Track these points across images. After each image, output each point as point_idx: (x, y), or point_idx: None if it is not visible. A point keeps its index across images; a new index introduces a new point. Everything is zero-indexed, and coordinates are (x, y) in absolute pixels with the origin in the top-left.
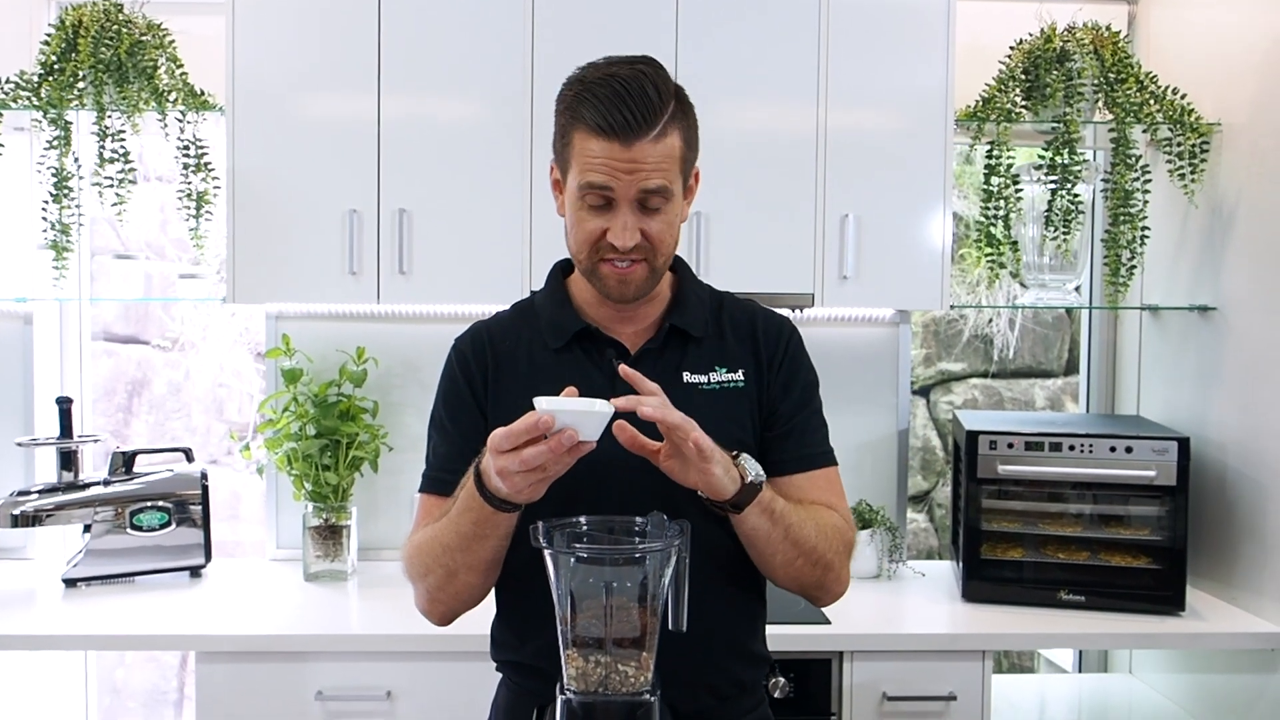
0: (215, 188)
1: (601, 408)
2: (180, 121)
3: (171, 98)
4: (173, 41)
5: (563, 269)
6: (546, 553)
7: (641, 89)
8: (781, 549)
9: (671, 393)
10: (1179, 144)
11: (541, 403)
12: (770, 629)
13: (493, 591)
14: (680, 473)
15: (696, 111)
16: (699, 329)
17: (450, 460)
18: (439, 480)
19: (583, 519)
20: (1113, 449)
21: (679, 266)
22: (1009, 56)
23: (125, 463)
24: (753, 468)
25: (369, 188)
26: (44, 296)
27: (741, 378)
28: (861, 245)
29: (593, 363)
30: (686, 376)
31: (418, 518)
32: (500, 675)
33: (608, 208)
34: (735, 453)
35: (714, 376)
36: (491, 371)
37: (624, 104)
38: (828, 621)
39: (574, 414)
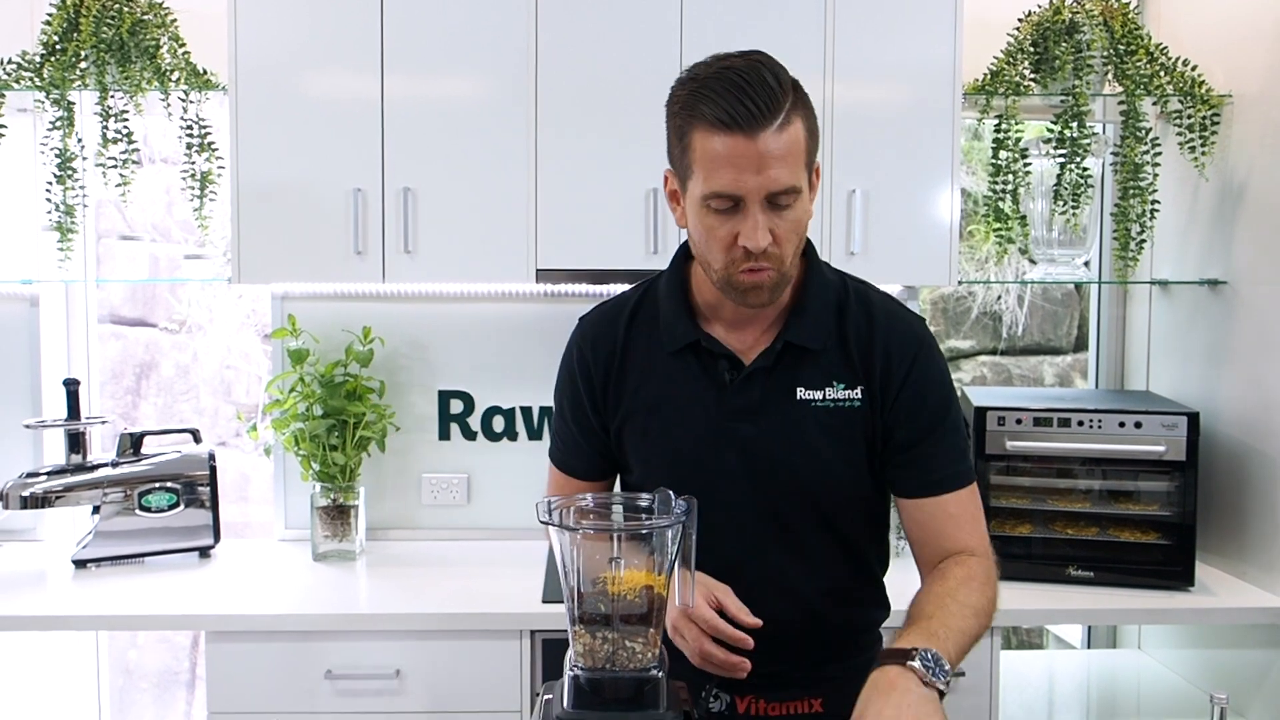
0: (219, 168)
1: None
2: (183, 101)
3: (174, 77)
4: (175, 20)
5: (685, 253)
6: (552, 530)
7: (760, 78)
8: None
9: (784, 411)
10: (1189, 116)
11: None
12: None
13: None
14: None
15: None
16: (817, 342)
17: (571, 444)
18: (563, 461)
19: (589, 496)
20: (1122, 424)
21: (807, 251)
22: (1017, 29)
23: (133, 444)
24: (940, 675)
25: (373, 166)
26: (50, 278)
27: (860, 395)
28: (869, 221)
29: (705, 372)
30: (800, 393)
31: (549, 484)
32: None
33: (736, 209)
34: (911, 661)
35: (829, 393)
36: (616, 368)
37: (745, 94)
38: None
39: None
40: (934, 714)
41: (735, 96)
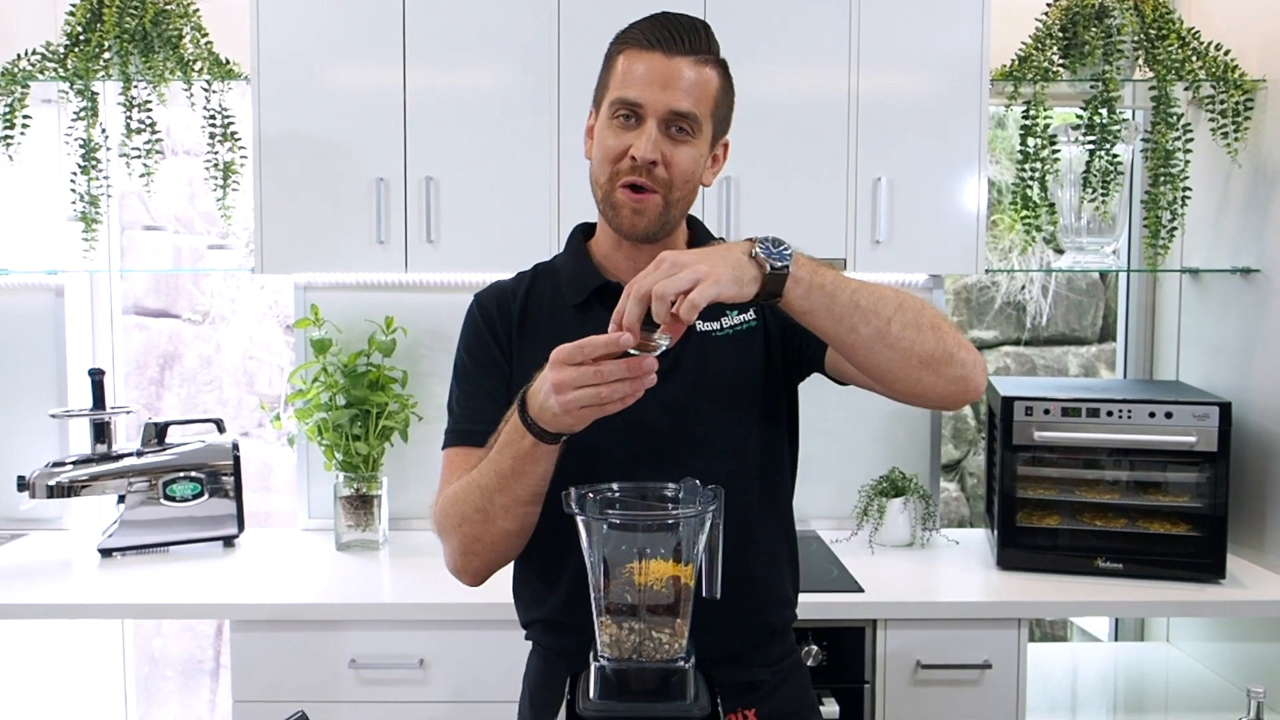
0: (242, 158)
1: (661, 339)
2: (206, 91)
3: (197, 67)
4: (197, 10)
5: (583, 232)
6: (579, 519)
7: (692, 23)
8: (863, 320)
9: (687, 348)
10: (1222, 101)
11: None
12: (804, 597)
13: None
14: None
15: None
16: None
17: (477, 410)
18: (466, 432)
19: (615, 485)
20: (1152, 415)
21: (694, 224)
22: (1046, 14)
23: (158, 434)
24: (775, 254)
25: (396, 156)
26: (74, 269)
27: (753, 316)
28: (894, 209)
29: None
30: (700, 325)
31: (444, 474)
32: (530, 644)
33: (635, 124)
34: (751, 242)
35: (725, 321)
36: (516, 326)
37: (673, 25)
38: (861, 590)
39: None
40: (725, 262)
41: (664, 24)
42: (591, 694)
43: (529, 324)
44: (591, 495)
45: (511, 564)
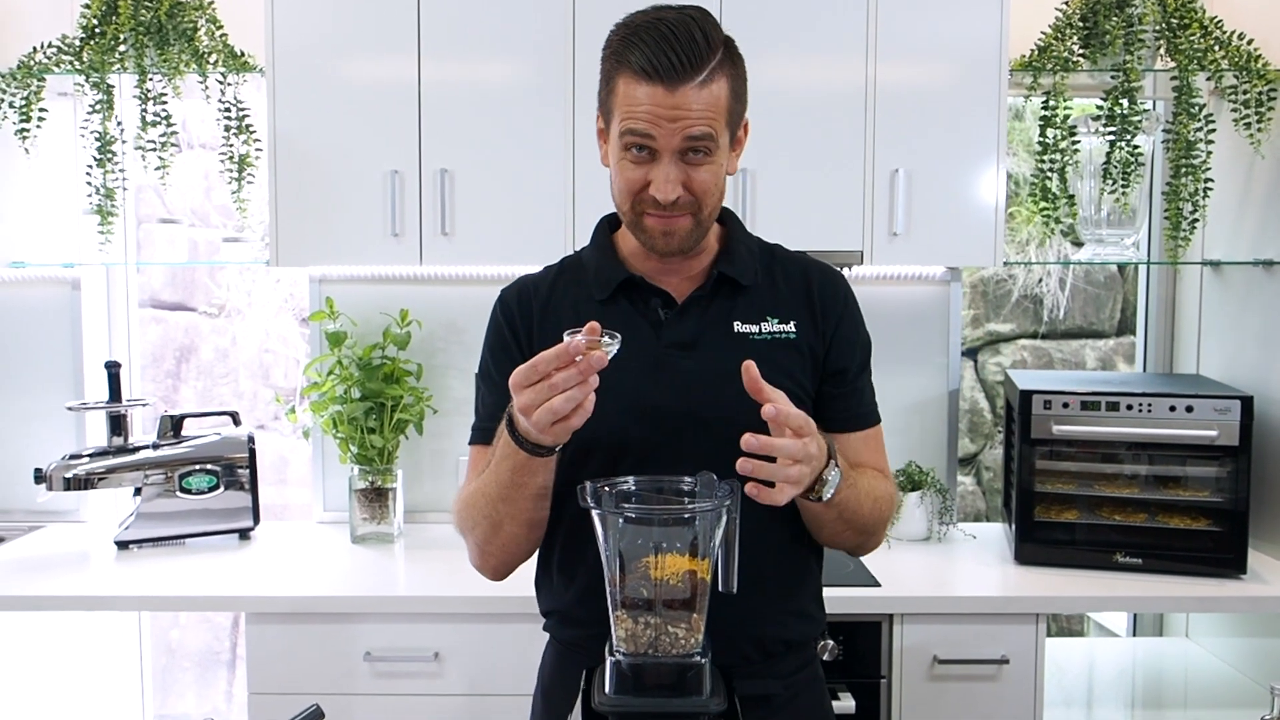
0: (257, 150)
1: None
2: (221, 84)
3: (212, 59)
4: (212, 3)
5: (609, 223)
6: (594, 513)
7: (689, 34)
8: (832, 526)
9: (721, 342)
10: (1245, 92)
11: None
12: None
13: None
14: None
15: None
16: (748, 277)
17: (498, 410)
18: (488, 430)
19: (630, 479)
20: (1172, 408)
21: (728, 219)
22: (1066, 3)
23: (173, 427)
24: (832, 484)
25: (410, 148)
26: (91, 262)
27: (793, 329)
28: (912, 201)
29: (638, 312)
30: (737, 326)
31: (468, 472)
32: (547, 636)
33: (650, 158)
34: (829, 465)
35: (765, 327)
36: (537, 323)
37: (670, 47)
38: (878, 584)
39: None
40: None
41: (661, 48)
42: (607, 688)
43: (551, 319)
44: (607, 489)
45: (535, 556)
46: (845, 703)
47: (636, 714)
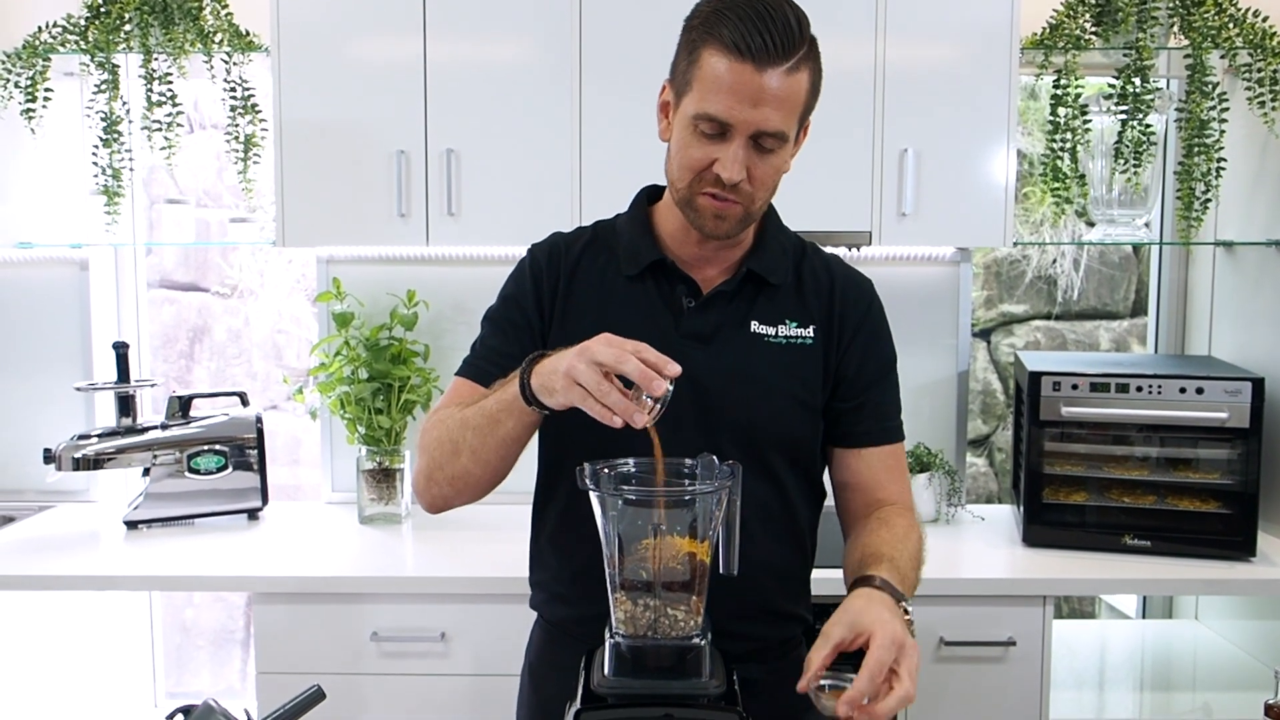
0: (263, 130)
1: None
2: (226, 63)
3: (217, 39)
4: None
5: (649, 195)
6: (593, 495)
7: (785, 17)
8: None
9: (736, 340)
10: (1259, 70)
11: None
12: (822, 573)
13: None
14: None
15: None
16: (778, 276)
17: (496, 353)
18: (480, 368)
19: (630, 460)
20: (1182, 390)
21: (768, 214)
22: None
23: (182, 407)
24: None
25: (417, 129)
26: (99, 242)
27: (811, 335)
28: (921, 181)
29: (662, 296)
30: (754, 326)
31: (447, 396)
32: (535, 617)
33: (720, 137)
34: (906, 612)
35: (782, 330)
36: (564, 284)
37: (766, 26)
38: None
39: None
40: (915, 678)
41: (756, 26)
42: (606, 670)
43: (576, 284)
44: (606, 470)
45: (529, 531)
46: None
47: (636, 695)
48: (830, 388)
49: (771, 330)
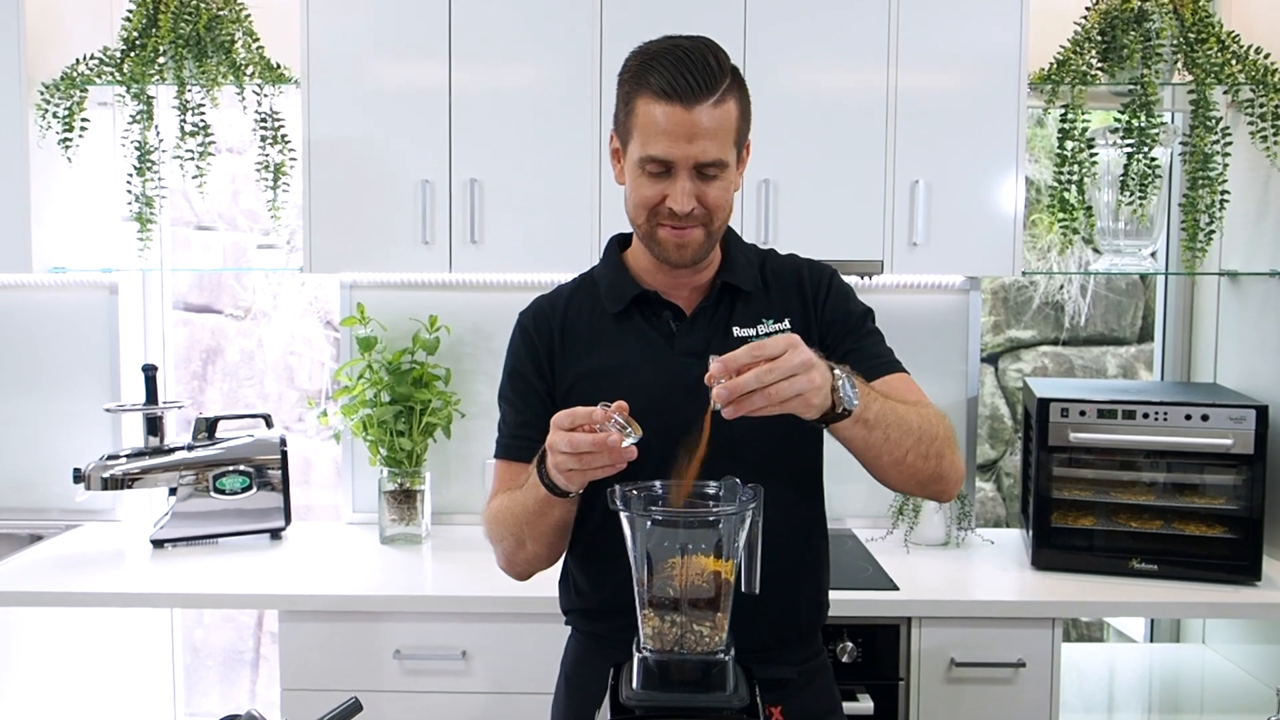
0: (291, 159)
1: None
2: (258, 95)
3: (249, 71)
4: (249, 16)
5: (619, 243)
6: (623, 515)
7: (704, 58)
8: (886, 450)
9: (725, 348)
10: (1261, 105)
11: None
12: (839, 594)
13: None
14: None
15: (765, 75)
16: (749, 284)
17: (519, 427)
18: (510, 446)
19: (657, 483)
20: (1188, 417)
21: (726, 233)
22: (1085, 17)
23: (208, 428)
24: (845, 384)
25: (441, 158)
26: (129, 267)
27: (788, 325)
28: (932, 211)
29: (651, 325)
30: (736, 331)
31: (494, 484)
32: (570, 630)
33: (666, 174)
34: (836, 373)
35: (761, 329)
36: (557, 339)
37: (686, 69)
38: (896, 588)
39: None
40: (821, 392)
41: (679, 70)
42: (635, 684)
43: (568, 334)
44: (636, 493)
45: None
46: (864, 704)
47: (663, 709)
48: (820, 347)
49: (751, 330)
